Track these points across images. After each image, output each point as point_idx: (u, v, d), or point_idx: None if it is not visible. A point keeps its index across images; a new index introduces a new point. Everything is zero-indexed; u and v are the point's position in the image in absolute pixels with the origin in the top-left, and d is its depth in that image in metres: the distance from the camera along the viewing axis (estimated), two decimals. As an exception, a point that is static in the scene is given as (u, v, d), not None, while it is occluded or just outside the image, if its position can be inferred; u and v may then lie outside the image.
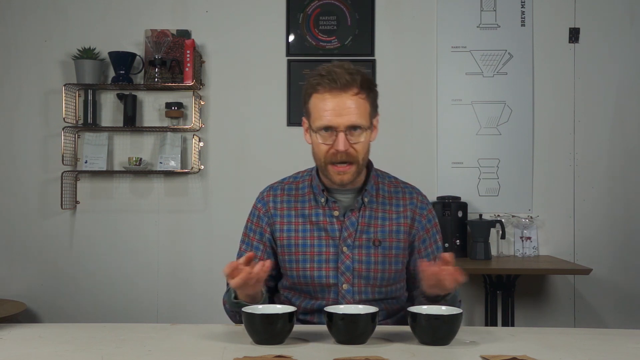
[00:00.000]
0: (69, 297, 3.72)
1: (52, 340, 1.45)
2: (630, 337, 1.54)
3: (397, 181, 1.83)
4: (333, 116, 1.62)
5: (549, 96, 3.72)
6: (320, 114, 1.64)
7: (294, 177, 1.84)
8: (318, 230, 1.73)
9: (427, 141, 3.72)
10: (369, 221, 1.74)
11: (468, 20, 3.74)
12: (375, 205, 1.76)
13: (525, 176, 3.71)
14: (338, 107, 1.62)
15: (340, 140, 1.62)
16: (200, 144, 3.71)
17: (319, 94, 1.64)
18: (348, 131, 1.63)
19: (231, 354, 1.30)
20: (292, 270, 1.74)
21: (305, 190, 1.79)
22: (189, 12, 3.76)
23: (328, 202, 1.74)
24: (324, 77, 1.63)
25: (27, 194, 3.74)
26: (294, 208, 1.77)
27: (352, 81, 1.63)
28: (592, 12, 3.71)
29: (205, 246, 3.72)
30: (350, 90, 1.63)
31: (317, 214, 1.75)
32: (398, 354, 1.31)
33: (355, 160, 1.66)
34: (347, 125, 1.62)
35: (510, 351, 1.32)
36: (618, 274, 3.68)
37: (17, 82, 3.76)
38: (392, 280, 1.74)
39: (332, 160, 1.65)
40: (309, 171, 1.83)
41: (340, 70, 1.63)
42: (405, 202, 1.78)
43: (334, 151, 1.64)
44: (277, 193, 1.80)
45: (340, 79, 1.62)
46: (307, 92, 1.68)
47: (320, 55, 3.73)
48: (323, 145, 1.65)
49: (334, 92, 1.63)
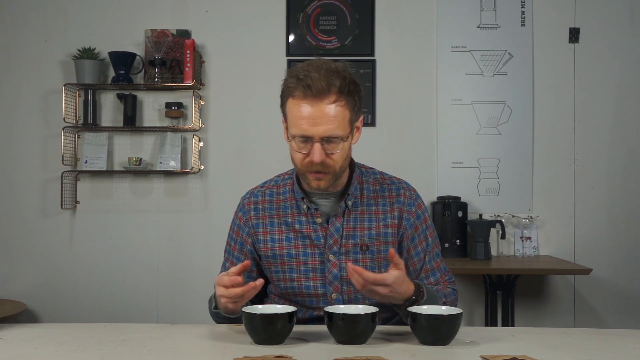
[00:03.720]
0: (69, 297, 3.72)
1: (52, 340, 1.44)
2: (630, 337, 1.54)
3: (383, 177, 1.74)
4: (308, 125, 1.52)
5: (549, 96, 3.72)
6: (296, 121, 1.54)
7: (275, 181, 1.77)
8: (302, 239, 1.66)
9: (427, 141, 3.72)
10: (354, 225, 1.66)
11: (468, 20, 3.74)
12: (360, 208, 1.67)
13: (525, 176, 3.71)
14: (313, 116, 1.51)
15: (316, 152, 1.53)
16: (200, 144, 3.71)
17: (294, 99, 1.54)
18: (324, 141, 1.53)
19: (231, 354, 1.30)
20: (280, 280, 1.68)
21: (287, 195, 1.71)
22: (189, 12, 3.76)
23: (310, 209, 1.67)
24: (300, 80, 1.51)
25: (27, 194, 3.74)
26: (276, 216, 1.70)
27: (329, 88, 1.51)
28: (592, 12, 3.71)
29: (205, 246, 3.72)
30: (327, 98, 1.52)
31: (299, 222, 1.67)
32: (398, 354, 1.31)
33: (331, 170, 1.58)
34: (322, 136, 1.52)
35: (510, 351, 1.32)
36: (618, 274, 3.68)
37: (17, 82, 3.76)
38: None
39: (309, 170, 1.58)
40: (290, 174, 1.75)
41: (317, 74, 1.51)
42: (391, 200, 1.69)
43: (309, 161, 1.56)
44: (258, 200, 1.73)
45: (316, 84, 1.50)
46: (283, 94, 1.58)
47: (320, 55, 3.73)
48: (299, 153, 1.57)
49: (309, 99, 1.51)
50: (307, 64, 1.57)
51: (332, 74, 1.53)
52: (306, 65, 1.56)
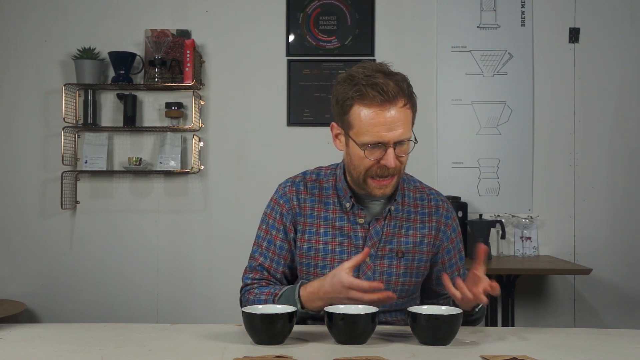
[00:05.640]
0: (69, 297, 3.72)
1: (52, 340, 1.44)
2: (630, 337, 1.54)
3: (423, 186, 1.75)
4: (386, 131, 1.51)
5: (549, 96, 3.72)
6: (368, 128, 1.51)
7: (316, 174, 1.74)
8: (341, 236, 1.66)
9: (427, 141, 3.72)
10: (393, 231, 1.67)
11: (468, 20, 3.74)
12: (401, 214, 1.68)
13: (525, 176, 3.71)
14: (390, 121, 1.51)
15: (391, 157, 1.53)
16: (200, 144, 3.71)
17: (364, 105, 1.51)
18: (396, 145, 1.54)
19: (231, 354, 1.30)
20: (310, 274, 1.66)
21: (330, 191, 1.69)
22: (189, 12, 3.76)
23: (354, 208, 1.66)
24: (372, 86, 1.50)
25: (27, 194, 3.74)
26: (316, 209, 1.68)
27: (401, 92, 1.52)
28: (592, 12, 3.71)
29: (205, 246, 3.72)
30: (400, 101, 1.52)
31: (340, 219, 1.67)
32: (398, 354, 1.31)
33: (399, 173, 1.60)
34: (397, 140, 1.53)
35: (510, 351, 1.32)
36: (618, 274, 3.68)
37: (17, 82, 3.76)
38: (410, 292, 1.69)
39: (378, 175, 1.56)
40: (332, 169, 1.73)
41: (383, 79, 1.51)
42: (430, 210, 1.71)
43: (381, 166, 1.55)
44: (300, 190, 1.70)
45: (390, 89, 1.50)
46: (346, 102, 1.54)
47: (320, 55, 3.73)
48: (368, 160, 1.54)
49: (385, 104, 1.50)
50: (361, 67, 1.55)
51: (395, 76, 1.53)
52: (362, 69, 1.54)
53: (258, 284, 1.69)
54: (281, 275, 1.71)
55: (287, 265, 1.70)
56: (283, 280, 1.72)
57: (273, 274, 1.70)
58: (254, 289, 1.68)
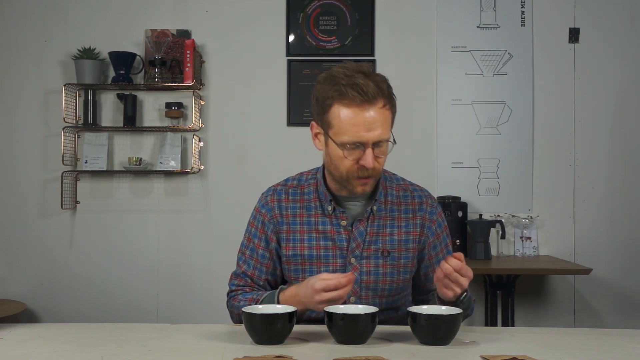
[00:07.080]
0: (69, 297, 3.72)
1: (52, 340, 1.44)
2: (630, 337, 1.54)
3: (406, 183, 1.76)
4: (362, 132, 1.51)
5: (549, 96, 3.72)
6: (348, 128, 1.51)
7: (297, 180, 1.74)
8: (325, 240, 1.66)
9: (427, 141, 3.72)
10: (377, 230, 1.67)
11: (468, 20, 3.74)
12: (384, 213, 1.68)
13: (525, 176, 3.71)
14: (369, 121, 1.50)
15: (369, 158, 1.53)
16: (200, 144, 3.71)
17: (343, 105, 1.51)
18: (375, 145, 1.53)
19: (231, 354, 1.30)
20: (298, 280, 1.67)
21: (311, 196, 1.70)
22: (189, 12, 3.76)
23: (335, 211, 1.66)
24: (352, 87, 1.49)
25: (27, 194, 3.74)
26: (298, 215, 1.69)
27: (380, 92, 1.51)
28: (592, 12, 3.71)
29: (205, 246, 3.72)
30: (378, 103, 1.51)
31: (323, 223, 1.67)
32: (398, 354, 1.31)
33: (377, 174, 1.60)
34: (375, 140, 1.52)
35: (510, 351, 1.32)
36: (618, 274, 3.68)
37: (17, 82, 3.76)
38: (399, 289, 1.70)
39: (358, 176, 1.57)
40: (313, 174, 1.74)
41: (365, 79, 1.50)
42: (414, 207, 1.71)
43: (360, 167, 1.55)
44: (282, 198, 1.71)
45: (370, 89, 1.49)
46: (326, 101, 1.54)
47: (320, 55, 3.73)
48: (347, 160, 1.55)
49: (364, 104, 1.50)
50: (342, 67, 1.55)
51: (375, 77, 1.53)
52: (343, 69, 1.54)
53: (242, 290, 1.73)
54: (264, 282, 1.74)
55: (269, 273, 1.73)
56: (267, 287, 1.74)
57: (256, 281, 1.73)
58: (238, 294, 1.72)
